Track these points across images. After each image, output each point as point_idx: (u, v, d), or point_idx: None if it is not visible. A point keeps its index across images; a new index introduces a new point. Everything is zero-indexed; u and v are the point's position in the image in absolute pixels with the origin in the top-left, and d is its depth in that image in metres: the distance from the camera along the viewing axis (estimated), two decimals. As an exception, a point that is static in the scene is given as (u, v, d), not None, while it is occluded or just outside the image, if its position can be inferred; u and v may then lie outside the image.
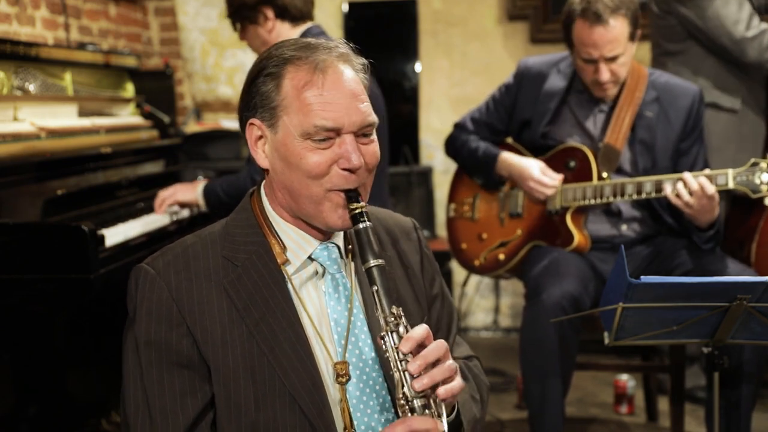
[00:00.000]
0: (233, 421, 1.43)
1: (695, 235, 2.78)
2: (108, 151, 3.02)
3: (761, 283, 1.97)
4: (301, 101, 1.42)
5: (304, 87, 1.43)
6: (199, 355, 1.44)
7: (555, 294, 2.65)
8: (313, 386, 1.45)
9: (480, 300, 4.86)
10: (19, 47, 2.80)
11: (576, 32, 2.80)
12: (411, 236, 1.70)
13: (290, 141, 1.44)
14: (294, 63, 1.45)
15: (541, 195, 2.92)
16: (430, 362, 1.36)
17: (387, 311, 1.40)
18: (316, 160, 1.43)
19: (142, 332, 1.44)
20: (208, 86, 4.90)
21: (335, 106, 1.42)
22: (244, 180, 2.78)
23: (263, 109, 1.47)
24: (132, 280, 1.49)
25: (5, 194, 2.44)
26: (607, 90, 2.86)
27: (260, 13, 2.83)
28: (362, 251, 1.44)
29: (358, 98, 1.45)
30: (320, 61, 1.44)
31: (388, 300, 1.40)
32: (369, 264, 1.43)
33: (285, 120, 1.44)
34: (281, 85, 1.45)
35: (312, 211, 1.47)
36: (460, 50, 4.76)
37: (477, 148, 3.11)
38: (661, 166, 2.86)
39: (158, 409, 1.42)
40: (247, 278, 1.48)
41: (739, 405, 2.58)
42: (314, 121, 1.41)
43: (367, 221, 1.45)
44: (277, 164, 1.48)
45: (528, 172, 2.93)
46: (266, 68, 1.47)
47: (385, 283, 1.42)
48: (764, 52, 3.31)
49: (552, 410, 2.66)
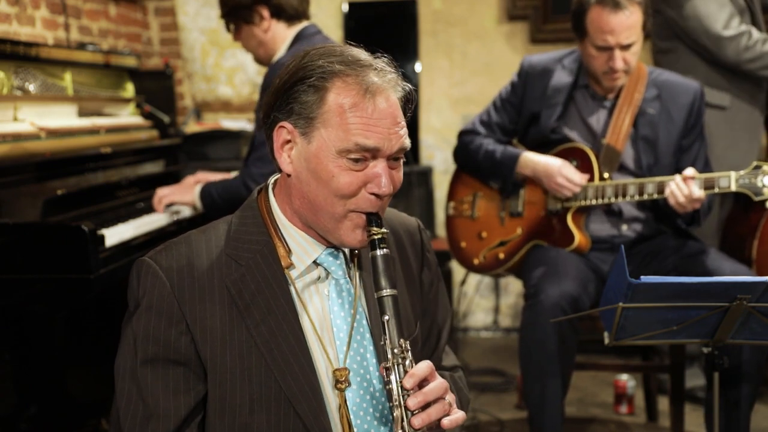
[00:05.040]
0: (226, 421, 1.43)
1: (677, 216, 2.82)
2: (108, 151, 3.02)
3: (761, 283, 1.97)
4: (344, 119, 1.40)
5: (350, 107, 1.40)
6: (197, 353, 1.44)
7: (555, 294, 2.66)
8: (311, 391, 1.44)
9: (480, 300, 4.86)
10: (19, 47, 2.80)
11: (592, 19, 2.79)
12: (415, 238, 1.70)
13: (324, 155, 1.42)
14: (342, 79, 1.41)
15: (569, 193, 2.88)
16: (430, 400, 1.37)
17: (395, 343, 1.39)
18: (347, 181, 1.42)
19: (141, 327, 1.44)
20: (208, 86, 4.90)
21: (378, 129, 1.41)
22: (237, 186, 2.77)
23: (299, 116, 1.43)
24: (134, 273, 1.48)
25: (5, 194, 2.44)
26: (618, 80, 2.86)
27: (256, 13, 2.81)
28: (376, 278, 1.44)
29: (398, 124, 1.44)
30: (371, 85, 1.41)
31: (398, 332, 1.40)
32: (382, 293, 1.42)
33: (323, 133, 1.41)
34: (325, 98, 1.41)
35: (330, 227, 1.46)
36: (460, 50, 4.76)
37: (495, 150, 3.07)
38: (664, 163, 2.87)
39: (150, 404, 1.41)
40: (250, 278, 1.47)
41: (738, 405, 2.58)
42: (356, 139, 1.39)
43: (386, 248, 1.45)
44: (303, 174, 1.45)
45: (556, 169, 2.90)
46: (310, 77, 1.42)
47: (397, 313, 1.42)
48: (742, 53, 3.36)
49: (552, 410, 2.66)
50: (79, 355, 2.95)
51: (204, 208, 2.89)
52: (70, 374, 2.85)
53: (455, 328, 4.67)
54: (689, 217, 2.82)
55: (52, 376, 2.72)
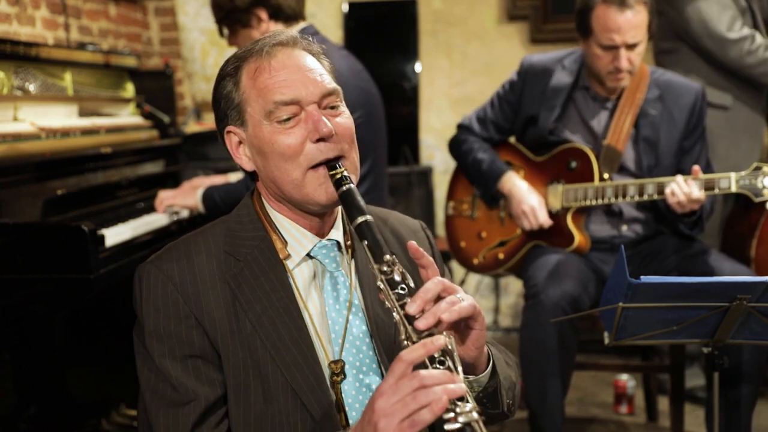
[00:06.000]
0: (242, 410, 1.43)
1: (679, 222, 2.81)
2: (108, 151, 3.02)
3: (761, 283, 1.97)
4: (257, 87, 1.46)
5: (255, 74, 1.46)
6: (210, 344, 1.44)
7: (555, 294, 2.66)
8: (316, 382, 1.44)
9: (480, 300, 4.86)
10: (19, 47, 2.80)
11: (598, 18, 2.79)
12: (419, 235, 1.70)
13: (259, 130, 1.46)
14: (246, 59, 1.49)
15: (527, 224, 2.94)
16: (429, 299, 1.28)
17: (381, 260, 1.33)
18: (287, 141, 1.44)
19: (151, 328, 1.44)
20: (208, 86, 4.90)
21: (288, 81, 1.45)
22: (240, 189, 2.78)
23: (230, 110, 1.50)
24: (136, 281, 1.49)
25: (5, 194, 2.44)
26: (622, 80, 2.86)
27: (253, 16, 2.79)
28: (348, 211, 1.41)
29: (310, 70, 1.47)
30: (266, 47, 1.48)
31: (380, 251, 1.34)
32: (356, 221, 1.38)
33: (249, 111, 1.47)
34: (239, 81, 1.49)
35: (298, 195, 1.47)
36: (460, 50, 4.76)
37: (482, 161, 3.08)
38: (664, 164, 2.87)
39: (180, 390, 1.40)
40: (249, 272, 1.48)
41: (739, 405, 2.58)
42: (272, 97, 1.44)
43: (351, 183, 1.43)
44: (257, 160, 1.50)
45: (529, 199, 2.94)
46: (224, 72, 1.51)
47: (375, 236, 1.37)
48: (745, 57, 3.37)
49: (552, 410, 2.67)
50: (79, 355, 2.95)
51: (206, 211, 2.90)
52: (70, 374, 2.85)
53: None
54: (692, 223, 2.81)
55: (52, 376, 2.72)
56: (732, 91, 3.52)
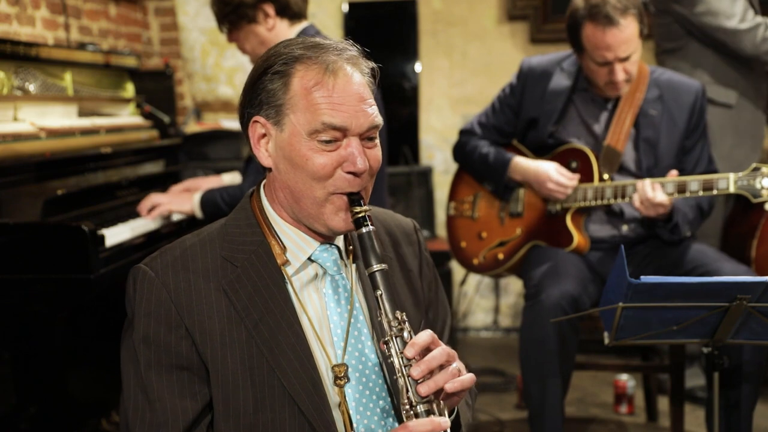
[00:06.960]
0: (231, 422, 1.43)
1: (657, 227, 2.82)
2: (108, 151, 3.02)
3: (761, 283, 1.97)
4: (310, 100, 1.42)
5: (313, 87, 1.43)
6: (198, 356, 1.44)
7: (554, 294, 2.66)
8: (313, 387, 1.44)
9: (480, 300, 4.86)
10: (19, 47, 2.80)
11: (587, 37, 2.78)
12: (411, 239, 1.70)
13: (296, 140, 1.44)
14: (303, 62, 1.44)
15: (562, 195, 2.90)
16: (434, 367, 1.36)
17: (391, 316, 1.40)
18: (321, 162, 1.43)
19: (141, 334, 1.44)
20: (208, 86, 4.90)
21: (344, 107, 1.42)
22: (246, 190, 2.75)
23: (269, 106, 1.46)
24: (130, 282, 1.48)
25: (5, 194, 2.44)
26: (622, 89, 2.86)
27: (260, 11, 2.80)
28: (365, 255, 1.44)
29: (365, 101, 1.45)
30: (331, 63, 1.44)
31: (391, 305, 1.41)
32: (372, 269, 1.43)
33: (292, 118, 1.44)
34: (290, 83, 1.44)
35: (314, 212, 1.47)
36: (460, 50, 4.76)
37: (488, 154, 3.08)
38: (664, 165, 2.86)
39: (158, 409, 1.41)
40: (246, 279, 1.47)
41: (739, 405, 2.58)
42: (323, 118, 1.41)
43: (370, 225, 1.45)
44: (281, 164, 1.47)
45: (546, 175, 2.91)
46: (274, 65, 1.46)
47: (389, 287, 1.42)
48: (760, 45, 3.35)
49: (552, 410, 2.66)
50: (79, 355, 2.94)
51: (206, 216, 2.85)
52: (70, 374, 2.85)
53: (455, 328, 4.68)
54: (668, 231, 2.81)
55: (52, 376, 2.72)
56: (737, 87, 3.49)
